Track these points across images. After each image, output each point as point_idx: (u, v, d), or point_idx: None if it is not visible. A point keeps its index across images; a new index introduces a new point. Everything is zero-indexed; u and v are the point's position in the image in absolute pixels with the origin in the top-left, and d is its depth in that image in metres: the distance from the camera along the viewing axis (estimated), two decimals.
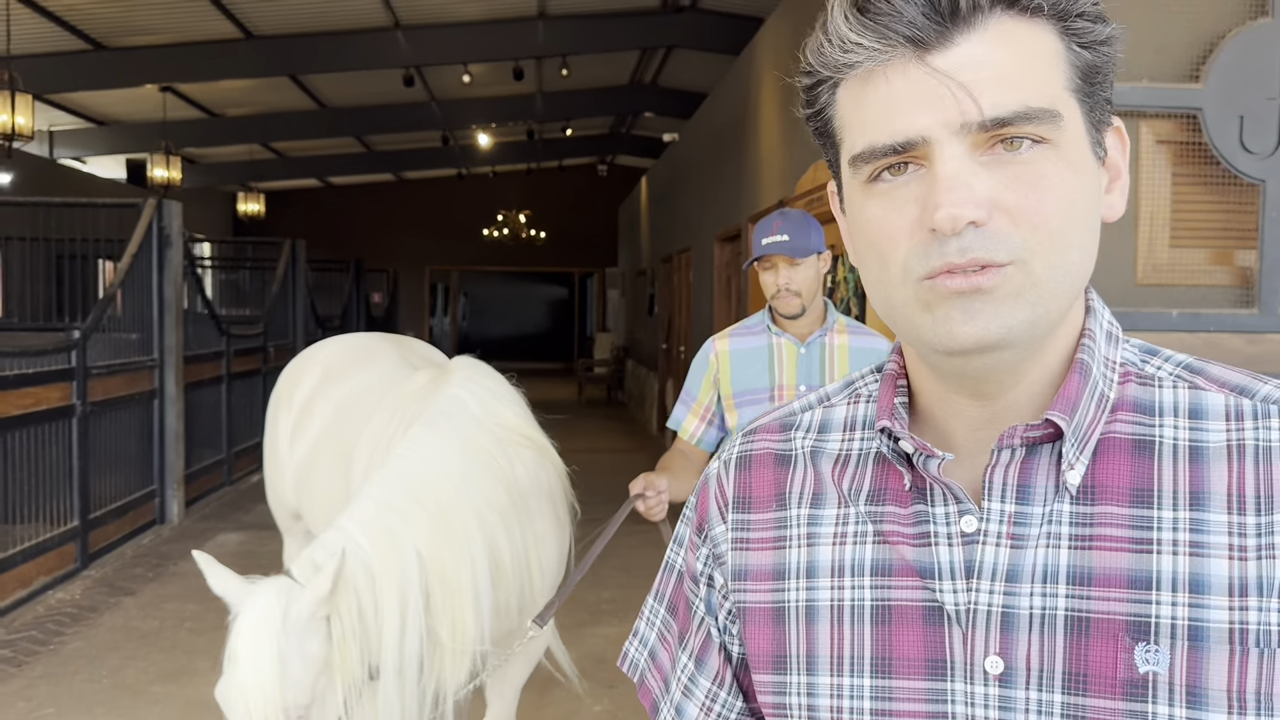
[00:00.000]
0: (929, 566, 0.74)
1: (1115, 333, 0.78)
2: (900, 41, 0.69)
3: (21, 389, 5.59)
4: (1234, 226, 3.87)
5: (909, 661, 0.74)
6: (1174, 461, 0.71)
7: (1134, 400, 0.74)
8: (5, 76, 8.54)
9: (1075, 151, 0.70)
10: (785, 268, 2.67)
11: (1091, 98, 0.72)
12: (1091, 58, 0.71)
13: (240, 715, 2.03)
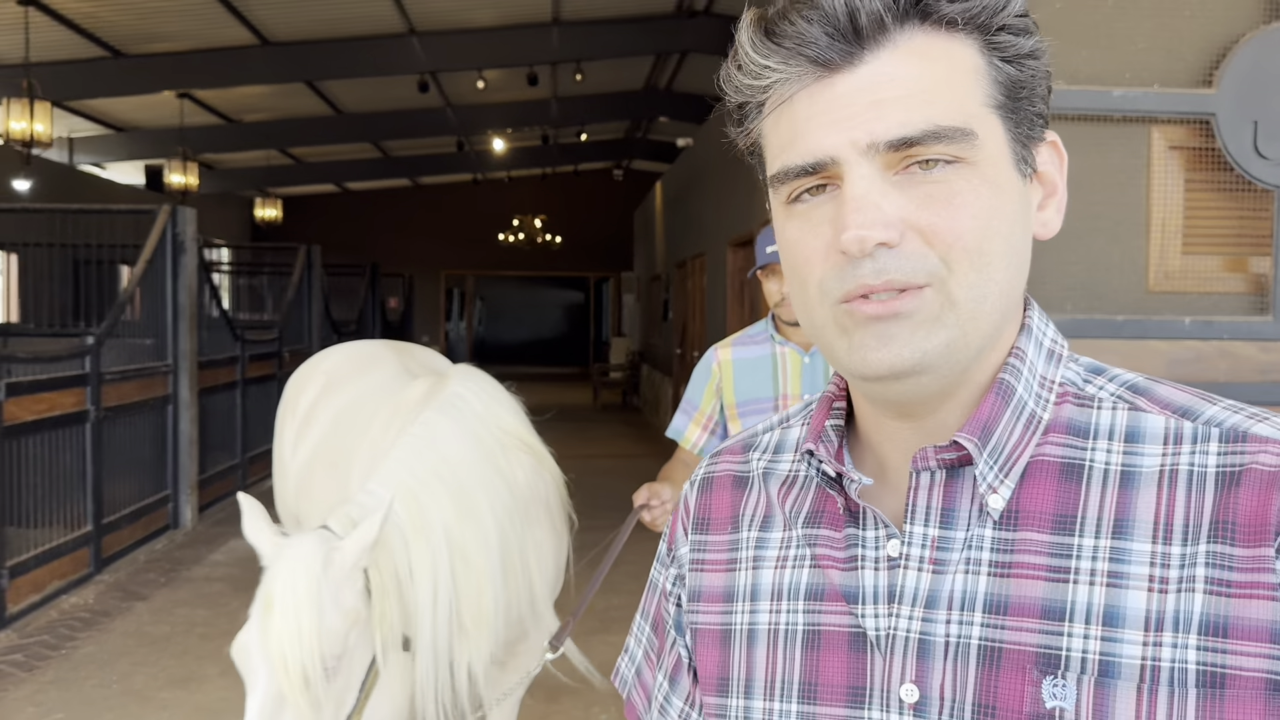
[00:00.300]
0: (854, 591, 0.73)
1: (1058, 351, 0.75)
2: (805, 63, 0.68)
3: (36, 394, 5.62)
4: (1248, 233, 3.83)
5: (832, 688, 0.73)
6: (1103, 487, 0.68)
7: (1068, 422, 0.71)
8: (24, 84, 8.63)
9: (994, 169, 0.69)
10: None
11: (1016, 113, 0.70)
12: (1015, 72, 0.70)
13: (273, 661, 1.97)
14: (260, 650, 1.99)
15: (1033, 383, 0.72)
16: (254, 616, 2.03)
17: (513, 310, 28.09)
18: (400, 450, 2.41)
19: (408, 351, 3.42)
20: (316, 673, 1.98)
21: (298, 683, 1.96)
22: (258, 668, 1.99)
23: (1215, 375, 3.73)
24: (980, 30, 0.69)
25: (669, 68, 12.99)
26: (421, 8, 9.84)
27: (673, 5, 10.32)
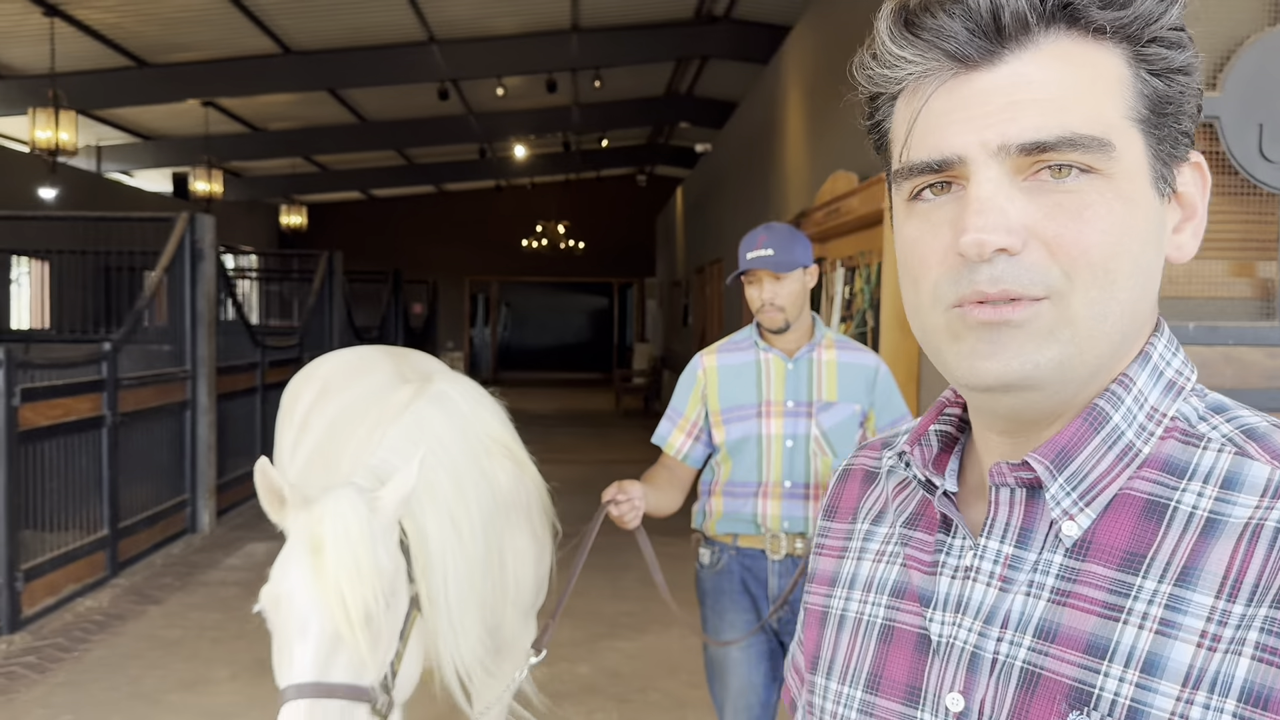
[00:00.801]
0: (929, 595, 0.74)
1: (1180, 383, 0.71)
2: (943, 57, 0.67)
3: (52, 400, 5.70)
4: (1254, 237, 3.78)
5: (893, 683, 0.75)
6: (1182, 531, 0.65)
7: (1166, 458, 0.68)
8: (50, 94, 8.77)
9: (1131, 184, 0.66)
10: (770, 282, 2.64)
11: (1160, 129, 0.67)
12: (1163, 87, 0.67)
13: (330, 599, 1.92)
14: (314, 590, 1.93)
15: (1136, 413, 0.69)
16: (293, 562, 1.97)
17: (538, 316, 28.19)
18: (399, 428, 2.41)
19: (403, 357, 3.44)
20: (378, 608, 1.96)
21: (359, 619, 1.93)
22: (307, 611, 1.94)
23: (1221, 381, 3.68)
24: (1130, 40, 0.66)
25: (690, 73, 12.99)
26: (441, 16, 9.90)
27: (692, 11, 10.31)
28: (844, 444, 2.68)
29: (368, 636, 1.94)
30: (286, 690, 1.92)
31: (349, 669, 1.95)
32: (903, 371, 4.54)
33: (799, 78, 7.48)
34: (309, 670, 1.92)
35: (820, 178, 6.29)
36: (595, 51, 10.97)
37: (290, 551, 2.00)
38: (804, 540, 2.66)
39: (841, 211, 5.18)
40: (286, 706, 1.90)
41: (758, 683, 2.73)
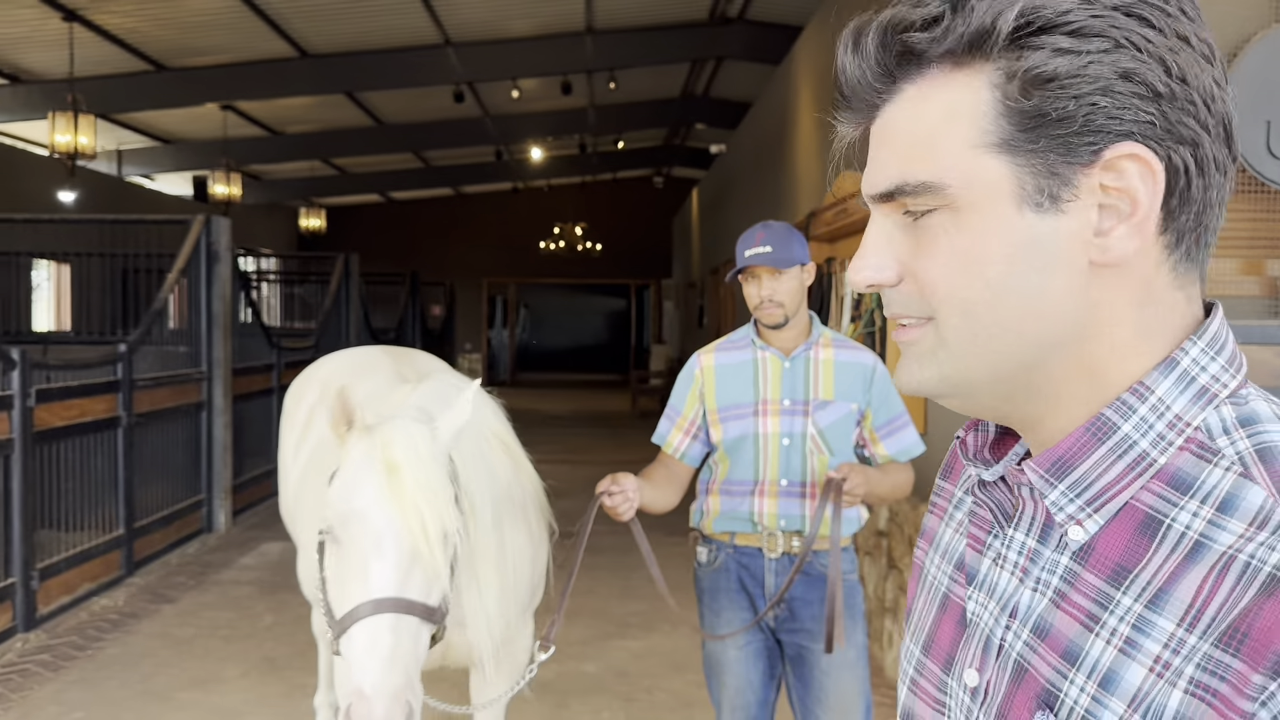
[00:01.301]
0: (974, 573, 0.78)
1: (1215, 389, 0.67)
2: (852, 117, 0.74)
3: (67, 401, 5.77)
4: (1261, 235, 3.75)
5: (940, 649, 0.80)
6: (1171, 550, 0.64)
7: (1175, 472, 0.66)
8: (69, 98, 8.87)
9: (980, 213, 0.67)
10: (768, 279, 2.65)
11: (1034, 143, 0.65)
12: (1031, 102, 0.64)
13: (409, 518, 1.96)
14: (392, 508, 1.96)
15: (1155, 422, 0.67)
16: (365, 481, 2.00)
17: (555, 317, 28.23)
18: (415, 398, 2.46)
19: (403, 357, 3.46)
20: (453, 527, 2.01)
21: (436, 537, 1.97)
22: (383, 529, 1.97)
23: None
24: (981, 56, 0.65)
25: (705, 74, 12.99)
26: (457, 19, 9.95)
27: (706, 12, 10.31)
28: (840, 443, 2.68)
29: (443, 555, 1.98)
30: (362, 606, 1.94)
31: (422, 587, 1.98)
32: None
33: (810, 77, 7.47)
34: (390, 585, 1.94)
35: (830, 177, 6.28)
36: (610, 53, 10.98)
37: (360, 471, 2.02)
38: (800, 538, 2.66)
39: (850, 211, 5.17)
40: (366, 621, 1.92)
41: (755, 681, 2.73)
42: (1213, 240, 0.68)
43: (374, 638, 1.92)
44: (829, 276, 5.85)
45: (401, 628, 1.94)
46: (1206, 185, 0.66)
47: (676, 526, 3.36)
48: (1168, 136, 0.64)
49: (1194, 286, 0.69)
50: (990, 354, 0.69)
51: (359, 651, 1.92)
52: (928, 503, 0.93)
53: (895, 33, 0.68)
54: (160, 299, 7.01)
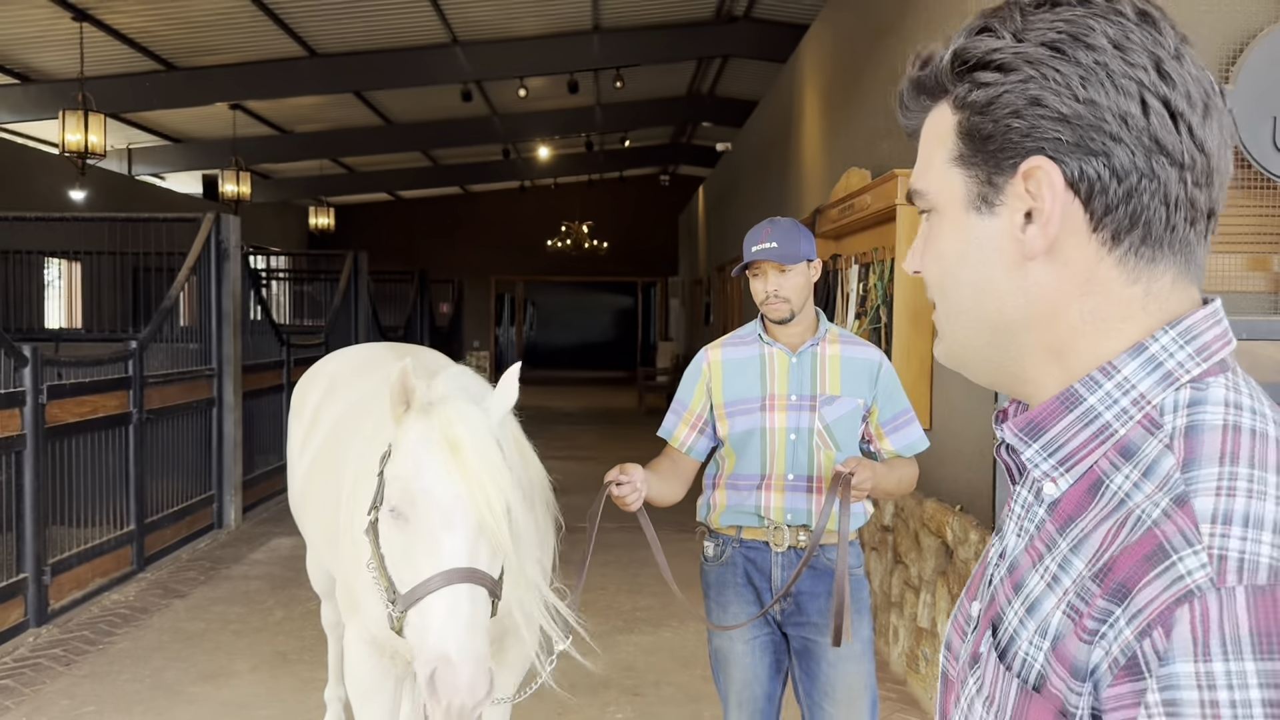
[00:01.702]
0: (1000, 526, 0.90)
1: (1179, 375, 0.76)
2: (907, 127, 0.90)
3: (78, 397, 5.81)
4: (1267, 231, 3.75)
5: (971, 589, 0.92)
6: (1103, 505, 0.74)
7: (1126, 443, 0.76)
8: (79, 97, 8.91)
9: (947, 217, 0.83)
10: (774, 274, 2.67)
11: (976, 157, 0.79)
12: (976, 122, 0.79)
13: (474, 494, 2.05)
14: (459, 485, 2.06)
15: (1119, 398, 0.76)
16: (431, 459, 2.09)
17: (563, 315, 28.25)
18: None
19: (410, 354, 3.47)
20: (515, 502, 2.11)
21: (500, 512, 2.07)
22: (452, 504, 2.07)
23: None
24: (941, 93, 0.82)
25: (711, 73, 13.00)
26: (464, 18, 9.98)
27: (712, 11, 10.33)
28: (847, 438, 2.70)
29: (507, 529, 2.08)
30: (436, 578, 2.03)
31: (488, 560, 2.09)
32: (915, 367, 4.54)
33: (815, 76, 7.48)
34: (463, 557, 2.04)
35: (835, 174, 6.30)
36: (617, 52, 11.00)
37: (424, 449, 2.10)
38: (807, 533, 2.68)
39: (855, 208, 5.19)
40: (445, 590, 2.01)
41: (762, 675, 2.75)
42: (1168, 239, 0.76)
43: (454, 605, 2.00)
44: (835, 273, 5.87)
45: (476, 597, 2.04)
46: (1132, 190, 0.75)
47: (685, 523, 3.38)
48: (1076, 150, 0.75)
49: (1163, 278, 0.77)
50: (963, 331, 0.84)
51: (439, 619, 2.00)
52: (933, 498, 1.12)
53: (917, 70, 0.85)
54: (171, 296, 7.05)
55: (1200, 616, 0.63)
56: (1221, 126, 0.77)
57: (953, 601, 4.08)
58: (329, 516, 2.91)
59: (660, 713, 4.35)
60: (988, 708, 0.78)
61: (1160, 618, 0.64)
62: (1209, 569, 0.64)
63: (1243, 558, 0.64)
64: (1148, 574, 0.66)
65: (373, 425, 2.75)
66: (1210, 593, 0.63)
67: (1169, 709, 0.62)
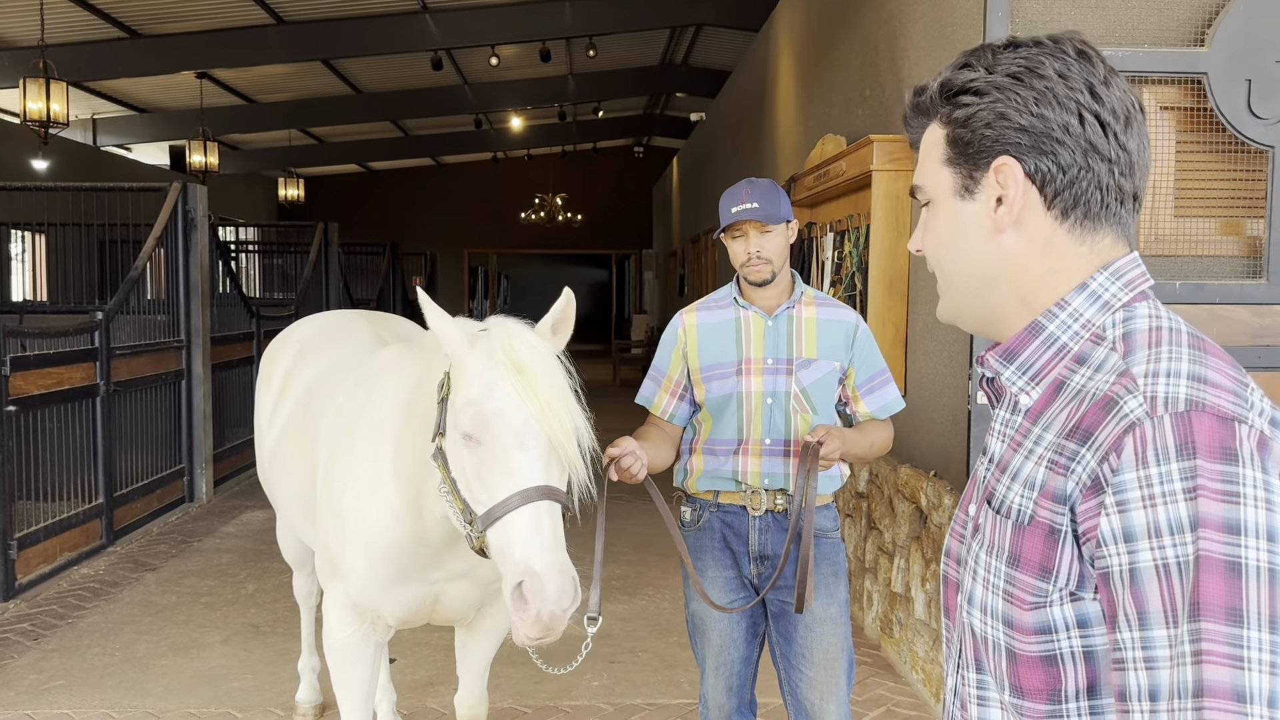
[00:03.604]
0: (986, 448, 1.15)
1: (1113, 303, 1.04)
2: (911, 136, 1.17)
3: (44, 369, 5.71)
4: (1242, 194, 3.75)
5: (965, 501, 1.16)
6: (1064, 398, 1.01)
7: (1079, 353, 1.03)
8: (40, 65, 8.71)
9: (941, 204, 1.11)
10: (756, 235, 2.63)
11: (959, 158, 1.07)
12: (959, 133, 1.07)
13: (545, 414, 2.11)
14: (531, 406, 2.12)
15: (1071, 324, 1.04)
16: (500, 382, 2.14)
17: (537, 288, 28.10)
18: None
19: (382, 321, 3.43)
20: (583, 420, 2.17)
21: (570, 430, 2.13)
22: (524, 425, 2.12)
23: None
24: (934, 113, 1.10)
25: (685, 42, 12.90)
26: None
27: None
28: (823, 401, 2.68)
29: (575, 447, 2.14)
30: (513, 497, 2.08)
31: (561, 478, 2.16)
32: (890, 334, 4.53)
33: (789, 43, 7.42)
34: (539, 475, 2.11)
35: (810, 142, 6.26)
36: (588, 19, 10.88)
37: (492, 374, 2.16)
38: (784, 496, 2.66)
39: (831, 175, 5.15)
40: (525, 508, 2.07)
41: (739, 638, 2.74)
42: (1104, 214, 1.05)
43: (537, 521, 2.06)
44: (810, 241, 5.84)
45: (554, 512, 2.11)
46: (1074, 179, 1.03)
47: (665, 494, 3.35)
48: (1031, 151, 1.04)
49: (1103, 240, 1.06)
50: (957, 291, 1.12)
51: (523, 535, 2.06)
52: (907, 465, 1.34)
53: (914, 97, 1.13)
54: (137, 267, 6.93)
55: (1139, 438, 0.90)
56: (1140, 133, 1.04)
57: (926, 566, 4.09)
58: (303, 485, 2.87)
59: (637, 679, 4.35)
60: (990, 552, 1.04)
61: (1114, 445, 0.91)
62: (1144, 406, 0.91)
63: (1167, 396, 0.91)
64: (1104, 419, 0.93)
65: (345, 393, 2.71)
66: (1146, 421, 0.90)
67: (1120, 506, 0.89)
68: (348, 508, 2.53)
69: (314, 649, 3.97)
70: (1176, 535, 0.86)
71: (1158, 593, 0.86)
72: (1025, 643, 0.98)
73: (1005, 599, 1.00)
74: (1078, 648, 0.96)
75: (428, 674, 4.37)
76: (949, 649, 1.17)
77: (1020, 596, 0.98)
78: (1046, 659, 0.97)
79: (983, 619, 1.04)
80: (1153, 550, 0.87)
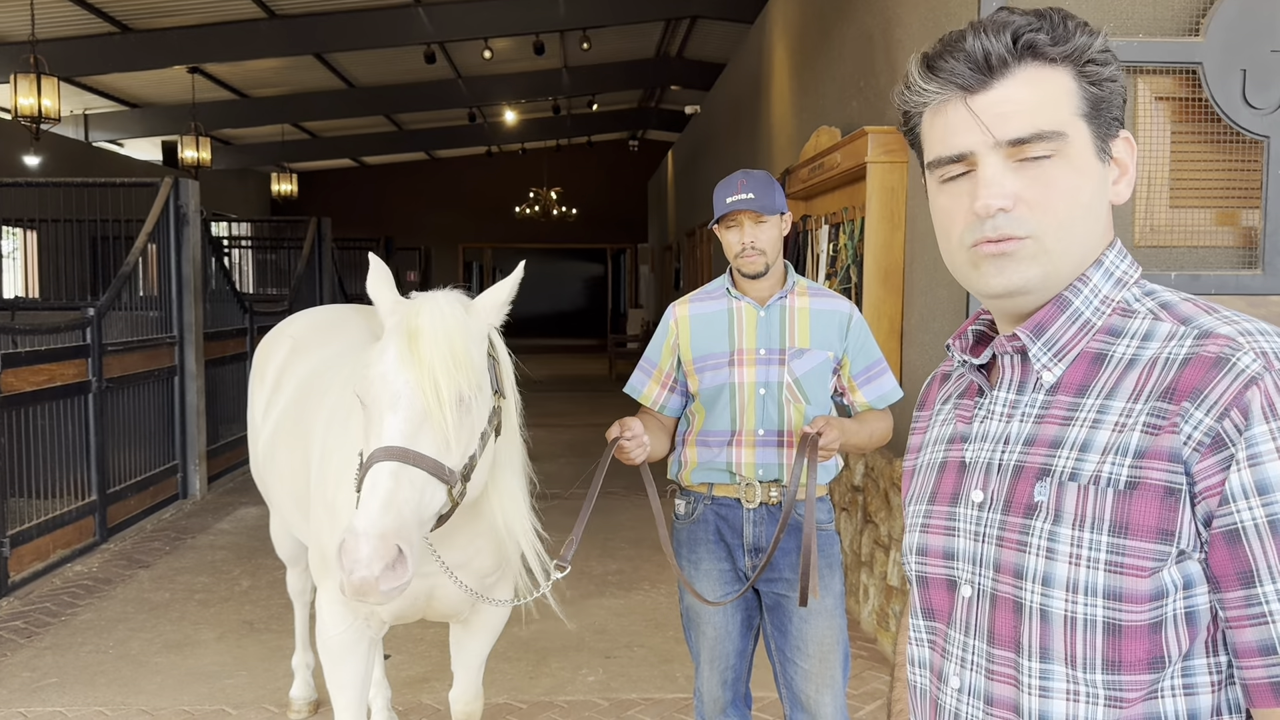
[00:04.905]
0: (967, 435, 1.12)
1: (1126, 279, 1.06)
2: (954, 88, 1.03)
3: (35, 365, 5.68)
4: (1236, 185, 3.74)
5: (943, 495, 1.12)
6: (1115, 368, 1.01)
7: (1110, 326, 1.04)
8: (31, 60, 8.66)
9: (1080, 159, 1.02)
10: (750, 225, 2.62)
11: (1098, 118, 1.02)
12: (1098, 92, 1.02)
13: (423, 380, 2.07)
14: (410, 370, 2.10)
15: (1093, 299, 1.04)
16: (390, 345, 2.15)
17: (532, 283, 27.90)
18: None
19: (375, 315, 3.39)
20: (469, 390, 2.11)
21: (449, 399, 2.08)
22: (399, 387, 2.10)
23: None
24: (1073, 63, 1.01)
25: (679, 35, 12.87)
26: None
27: None
28: (817, 391, 2.66)
29: (455, 417, 2.09)
30: (375, 453, 2.05)
31: (435, 445, 2.09)
32: (886, 325, 4.52)
33: (784, 36, 7.40)
34: (398, 436, 2.06)
35: (805, 134, 6.24)
36: (582, 12, 10.85)
37: (387, 340, 2.18)
38: (779, 488, 2.64)
39: (825, 167, 5.14)
40: (375, 467, 2.03)
41: (733, 631, 2.72)
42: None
43: (375, 482, 2.01)
44: (805, 234, 5.82)
45: (403, 476, 2.03)
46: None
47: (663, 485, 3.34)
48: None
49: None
50: (1075, 255, 1.04)
51: (363, 495, 2.02)
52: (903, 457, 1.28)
53: (1024, 32, 1.01)
54: (129, 262, 6.89)
55: (1265, 391, 0.92)
56: None
57: None
58: (297, 481, 2.85)
59: (632, 674, 4.34)
60: (1077, 526, 0.99)
61: (1235, 401, 0.92)
62: (1260, 361, 0.93)
63: (1275, 350, 0.94)
64: (1216, 376, 0.94)
65: (340, 386, 2.69)
66: (1266, 374, 0.92)
67: (1253, 460, 0.91)
68: (341, 503, 2.51)
69: (308, 645, 3.95)
70: None
71: None
72: (1136, 612, 0.96)
73: (1111, 570, 0.96)
74: (1180, 610, 0.96)
75: (423, 670, 4.36)
76: (936, 650, 1.12)
77: (1135, 564, 0.96)
78: (1153, 626, 0.96)
79: (1070, 598, 0.99)
80: None
